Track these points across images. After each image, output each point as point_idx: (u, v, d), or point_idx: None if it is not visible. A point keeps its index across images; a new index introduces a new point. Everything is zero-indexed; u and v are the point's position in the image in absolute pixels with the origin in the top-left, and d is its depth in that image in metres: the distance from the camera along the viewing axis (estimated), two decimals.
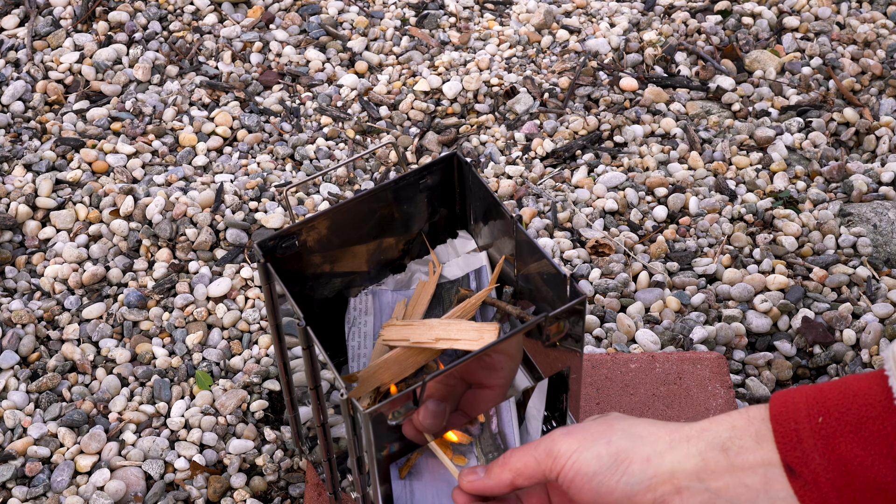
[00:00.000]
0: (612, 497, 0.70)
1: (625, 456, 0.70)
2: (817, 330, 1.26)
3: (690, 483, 0.68)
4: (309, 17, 1.74)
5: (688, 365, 1.16)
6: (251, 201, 1.42)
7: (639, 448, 0.70)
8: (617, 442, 0.71)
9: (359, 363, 0.97)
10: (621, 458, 0.70)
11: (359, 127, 1.56)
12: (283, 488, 1.14)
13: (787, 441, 0.64)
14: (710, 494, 0.67)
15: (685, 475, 0.68)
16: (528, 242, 0.90)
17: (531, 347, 0.85)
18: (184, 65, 1.65)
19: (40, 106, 1.58)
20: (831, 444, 0.63)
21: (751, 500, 0.65)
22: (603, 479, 0.70)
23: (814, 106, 1.57)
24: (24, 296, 1.32)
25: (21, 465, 1.14)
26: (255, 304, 1.30)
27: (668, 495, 0.68)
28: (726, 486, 0.66)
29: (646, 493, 0.69)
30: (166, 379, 1.23)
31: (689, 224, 1.40)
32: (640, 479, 0.69)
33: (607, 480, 0.70)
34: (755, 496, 0.65)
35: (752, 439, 0.66)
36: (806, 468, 0.63)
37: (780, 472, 0.65)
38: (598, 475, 0.70)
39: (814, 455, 0.63)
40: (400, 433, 0.83)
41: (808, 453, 0.64)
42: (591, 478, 0.70)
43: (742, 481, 0.66)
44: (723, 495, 0.66)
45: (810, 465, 0.63)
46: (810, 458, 0.63)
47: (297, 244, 0.92)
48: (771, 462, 0.65)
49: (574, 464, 0.71)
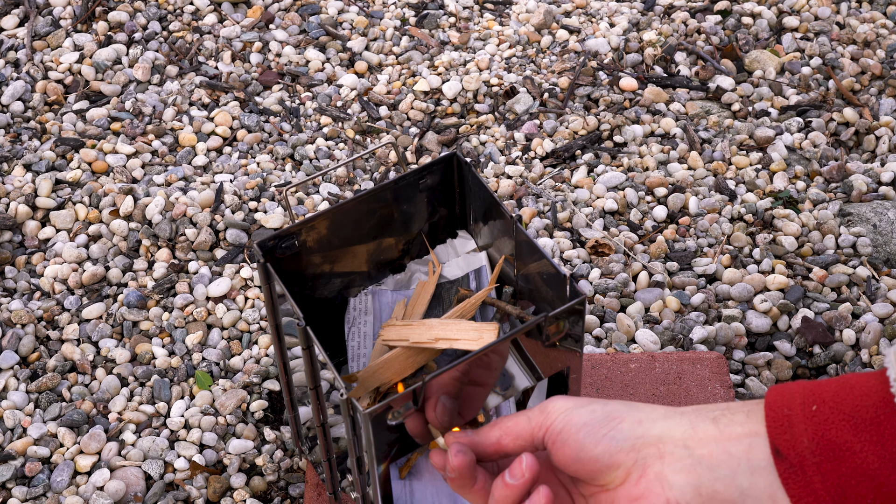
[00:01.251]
0: (595, 450, 0.70)
1: (618, 414, 0.71)
2: (817, 330, 1.26)
3: (676, 449, 0.68)
4: (309, 17, 1.73)
5: (687, 365, 1.15)
6: (251, 201, 1.42)
7: (633, 412, 0.71)
8: (614, 405, 0.72)
9: (358, 363, 0.97)
10: (614, 415, 0.71)
11: (358, 127, 1.56)
12: (282, 488, 1.14)
13: (777, 425, 0.64)
14: (692, 461, 0.67)
15: (672, 441, 0.68)
16: (528, 242, 0.90)
17: (531, 347, 0.85)
18: (183, 65, 1.65)
19: (40, 106, 1.58)
20: (822, 430, 0.63)
21: (732, 468, 0.66)
22: (590, 430, 0.70)
23: (813, 106, 1.57)
24: (24, 296, 1.32)
25: (21, 466, 1.14)
26: (254, 304, 1.30)
27: (650, 458, 0.68)
28: (710, 453, 0.67)
29: (629, 452, 0.69)
30: (166, 379, 1.22)
31: (688, 224, 1.40)
32: (626, 437, 0.69)
33: (594, 432, 0.70)
34: (736, 464, 0.65)
35: (744, 415, 0.67)
36: (793, 450, 0.63)
37: (765, 442, 0.65)
38: (587, 426, 0.70)
39: (802, 439, 0.63)
40: (399, 433, 0.83)
41: (797, 437, 0.64)
42: (579, 429, 0.70)
43: (726, 449, 0.66)
44: (705, 462, 0.67)
45: (797, 448, 0.63)
46: (798, 441, 0.63)
47: (296, 244, 0.92)
48: (758, 433, 0.65)
49: (565, 417, 0.72)
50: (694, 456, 0.67)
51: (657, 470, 0.68)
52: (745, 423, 0.66)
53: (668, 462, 0.68)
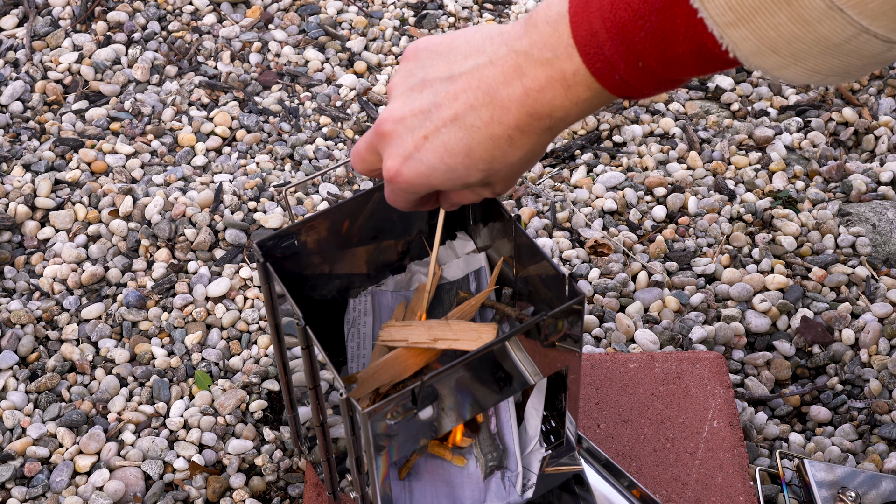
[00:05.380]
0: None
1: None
2: (816, 330, 1.26)
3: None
4: (308, 17, 1.73)
5: (687, 365, 1.15)
6: (250, 201, 1.42)
7: None
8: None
9: (358, 364, 0.97)
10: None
11: (358, 127, 1.56)
12: (282, 488, 1.13)
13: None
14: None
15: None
16: (528, 242, 0.90)
17: (530, 347, 0.85)
18: (183, 65, 1.65)
19: (39, 106, 1.57)
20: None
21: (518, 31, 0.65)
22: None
23: (813, 106, 1.57)
24: (23, 296, 1.32)
25: (20, 466, 1.14)
26: (254, 305, 1.30)
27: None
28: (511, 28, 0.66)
29: None
30: (165, 379, 1.22)
31: (688, 224, 1.40)
32: None
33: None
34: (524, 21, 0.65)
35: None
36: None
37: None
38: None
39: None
40: (398, 434, 0.83)
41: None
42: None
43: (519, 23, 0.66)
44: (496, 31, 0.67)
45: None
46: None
47: (296, 244, 0.92)
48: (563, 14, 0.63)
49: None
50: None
51: None
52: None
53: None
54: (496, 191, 0.75)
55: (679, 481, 1.05)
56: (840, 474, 1.07)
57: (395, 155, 0.70)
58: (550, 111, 0.64)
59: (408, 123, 0.69)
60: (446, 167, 0.69)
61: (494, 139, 0.67)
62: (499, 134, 0.66)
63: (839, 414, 1.21)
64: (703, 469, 1.06)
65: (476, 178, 0.70)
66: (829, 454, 1.15)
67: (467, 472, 0.98)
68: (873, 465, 1.14)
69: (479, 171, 0.69)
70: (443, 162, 0.69)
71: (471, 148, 0.67)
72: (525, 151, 0.68)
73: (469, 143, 0.67)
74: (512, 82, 0.65)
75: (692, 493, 1.04)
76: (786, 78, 0.57)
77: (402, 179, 0.71)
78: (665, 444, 1.08)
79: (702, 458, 1.07)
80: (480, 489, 0.97)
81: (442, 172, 0.70)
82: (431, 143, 0.68)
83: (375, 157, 0.74)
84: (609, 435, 1.09)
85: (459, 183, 0.71)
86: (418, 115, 0.69)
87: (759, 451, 1.15)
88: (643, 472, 1.06)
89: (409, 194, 0.74)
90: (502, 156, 0.68)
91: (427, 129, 0.68)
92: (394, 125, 0.70)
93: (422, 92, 0.69)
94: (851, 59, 0.54)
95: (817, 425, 1.20)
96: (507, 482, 0.97)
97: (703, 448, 1.08)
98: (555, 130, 0.67)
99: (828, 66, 0.55)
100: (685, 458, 1.07)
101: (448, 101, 0.67)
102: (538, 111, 0.65)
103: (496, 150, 0.67)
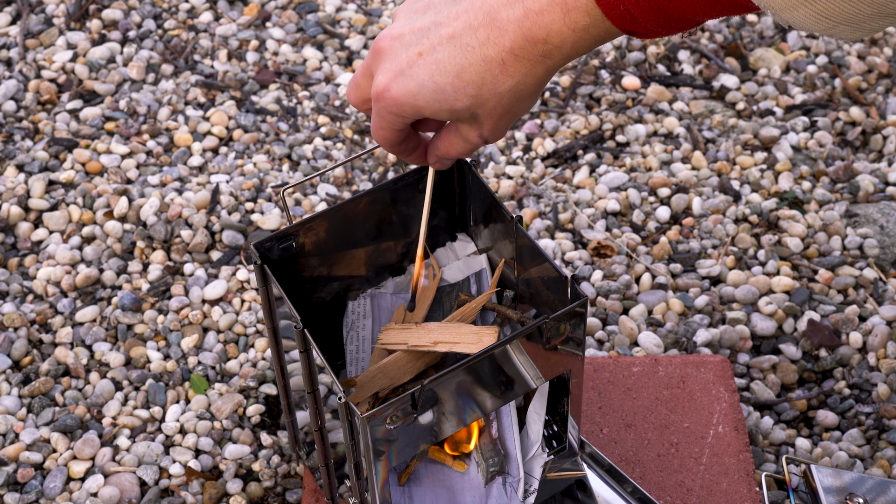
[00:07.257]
0: None
1: None
2: (823, 333, 1.25)
3: None
4: (306, 14, 1.72)
5: (691, 368, 1.15)
6: (247, 202, 1.41)
7: None
8: None
9: (357, 368, 0.97)
10: None
11: (357, 127, 1.55)
12: (279, 494, 1.13)
13: None
14: None
15: None
16: (529, 244, 0.89)
17: (532, 350, 0.84)
18: (179, 63, 1.64)
19: (33, 105, 1.57)
20: None
21: None
22: None
23: (819, 105, 1.56)
24: (17, 298, 1.31)
25: (13, 471, 1.14)
26: (251, 307, 1.30)
27: None
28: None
29: None
30: (161, 383, 1.22)
31: (692, 225, 1.39)
32: None
33: None
34: None
35: None
36: None
37: None
38: None
39: None
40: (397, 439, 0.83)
41: None
42: None
43: None
44: None
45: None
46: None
47: (294, 246, 0.92)
48: None
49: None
50: None
51: None
52: None
53: None
54: (484, 132, 0.75)
55: (683, 487, 1.05)
56: (848, 480, 1.06)
57: (386, 70, 0.72)
58: (546, 36, 0.66)
59: (405, 40, 0.71)
60: (435, 86, 0.70)
61: (487, 61, 0.68)
62: (492, 56, 0.68)
63: (847, 419, 1.20)
64: (708, 474, 1.06)
65: (463, 105, 0.71)
66: (837, 460, 1.14)
67: (468, 478, 0.98)
68: (881, 470, 1.13)
69: (467, 97, 0.70)
70: (432, 80, 0.70)
71: (462, 68, 0.69)
72: (515, 81, 0.69)
73: (461, 63, 0.69)
74: (514, 4, 0.67)
75: (697, 498, 1.04)
76: (794, 21, 0.58)
77: (389, 96, 0.72)
78: (669, 448, 1.08)
79: (707, 463, 1.07)
80: (481, 495, 0.97)
81: (430, 91, 0.71)
82: (424, 60, 0.70)
83: (370, 83, 0.76)
84: (612, 440, 1.09)
85: (446, 107, 0.71)
86: (416, 32, 0.71)
87: (765, 457, 1.15)
88: (647, 477, 1.06)
89: (394, 117, 0.75)
90: (492, 81, 0.69)
91: (423, 46, 0.70)
92: (391, 41, 0.72)
93: (425, 13, 0.71)
94: (862, 5, 0.55)
95: (824, 430, 1.19)
96: (509, 488, 0.97)
97: (708, 453, 1.08)
98: (549, 63, 0.68)
99: (837, 11, 0.56)
100: (690, 464, 1.07)
101: (448, 20, 0.69)
102: (534, 34, 0.66)
103: (486, 74, 0.69)
